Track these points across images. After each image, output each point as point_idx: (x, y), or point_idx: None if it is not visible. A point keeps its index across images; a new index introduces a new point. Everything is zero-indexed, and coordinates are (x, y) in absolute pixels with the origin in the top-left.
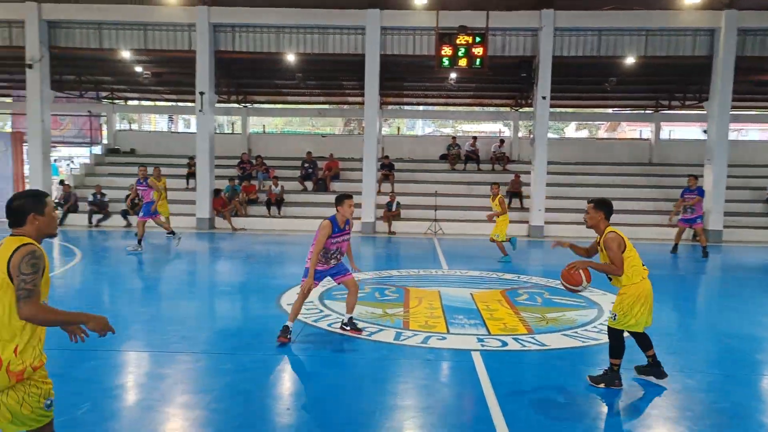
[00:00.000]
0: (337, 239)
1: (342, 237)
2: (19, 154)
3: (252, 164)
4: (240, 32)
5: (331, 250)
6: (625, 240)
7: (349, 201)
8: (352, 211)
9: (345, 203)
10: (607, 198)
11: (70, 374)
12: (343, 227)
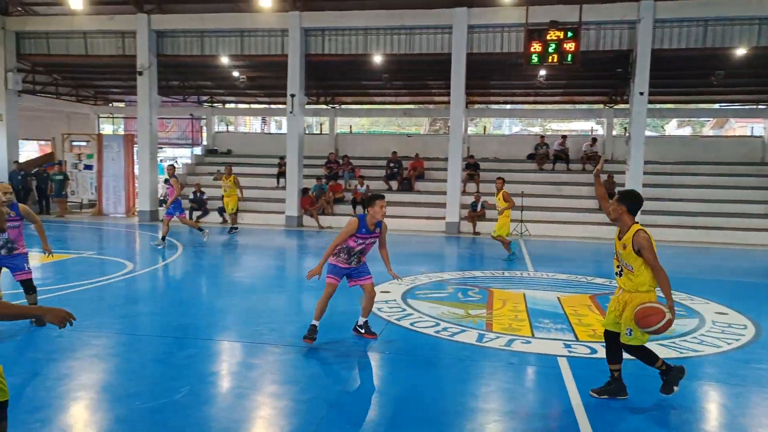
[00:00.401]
0: (362, 240)
1: (368, 239)
2: (130, 154)
3: (339, 164)
4: (329, 35)
5: (354, 249)
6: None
7: (380, 202)
8: (383, 213)
9: (376, 204)
10: (635, 191)
11: (170, 360)
12: (372, 230)
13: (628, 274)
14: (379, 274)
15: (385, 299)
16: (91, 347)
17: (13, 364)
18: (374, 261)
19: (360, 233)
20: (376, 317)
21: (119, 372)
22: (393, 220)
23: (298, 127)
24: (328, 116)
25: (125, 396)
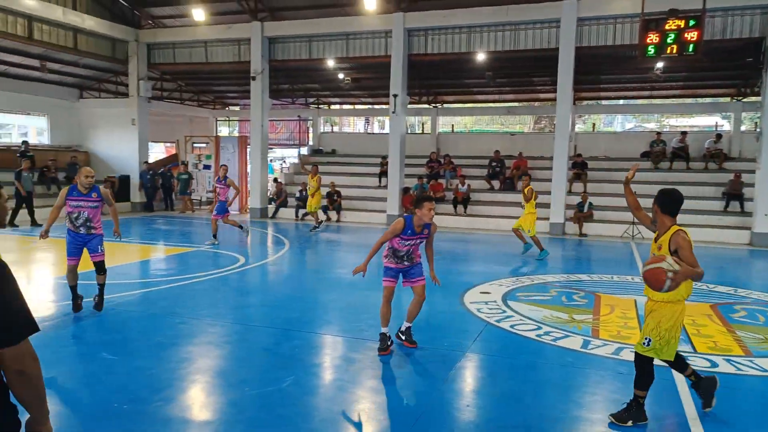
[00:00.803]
0: (407, 241)
1: (413, 240)
2: (243, 155)
3: (440, 163)
4: (432, 35)
5: (400, 251)
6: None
7: (428, 204)
8: (431, 216)
9: (424, 206)
10: (672, 189)
11: (277, 351)
12: (419, 231)
13: None
14: (482, 275)
15: (485, 300)
16: (207, 335)
17: (142, 347)
18: (454, 262)
19: (405, 234)
20: (474, 318)
21: (231, 359)
22: (494, 220)
23: (400, 127)
24: (430, 116)
25: (237, 382)
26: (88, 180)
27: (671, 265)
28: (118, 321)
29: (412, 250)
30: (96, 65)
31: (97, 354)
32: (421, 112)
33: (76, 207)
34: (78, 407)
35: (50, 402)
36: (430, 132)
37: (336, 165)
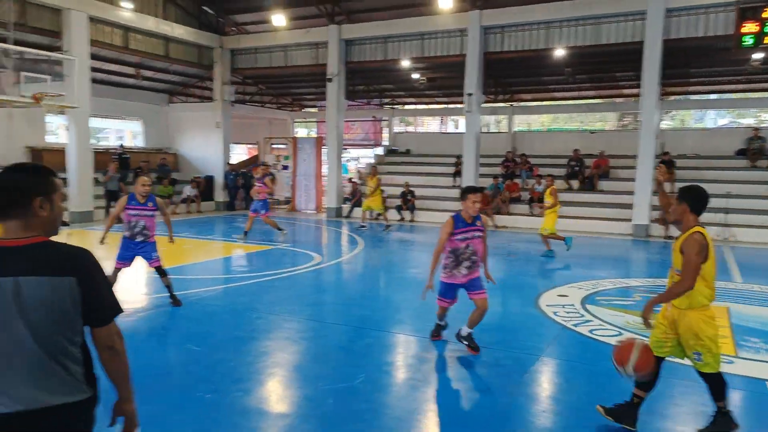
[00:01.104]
0: (464, 234)
1: (471, 232)
2: (319, 155)
3: (516, 162)
4: (509, 32)
5: (460, 248)
6: (710, 247)
7: (472, 196)
8: (476, 209)
9: (468, 198)
10: (699, 186)
11: (350, 348)
12: (471, 222)
13: (674, 279)
14: (559, 277)
15: (562, 303)
16: (284, 330)
17: (223, 340)
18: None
19: (458, 228)
20: (550, 321)
21: (306, 354)
22: (573, 221)
23: (475, 126)
24: (505, 114)
25: (311, 377)
26: (144, 189)
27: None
28: (202, 315)
29: (473, 247)
30: (184, 71)
31: (183, 345)
32: (496, 110)
33: (134, 216)
34: (166, 395)
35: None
36: (506, 131)
37: (410, 165)
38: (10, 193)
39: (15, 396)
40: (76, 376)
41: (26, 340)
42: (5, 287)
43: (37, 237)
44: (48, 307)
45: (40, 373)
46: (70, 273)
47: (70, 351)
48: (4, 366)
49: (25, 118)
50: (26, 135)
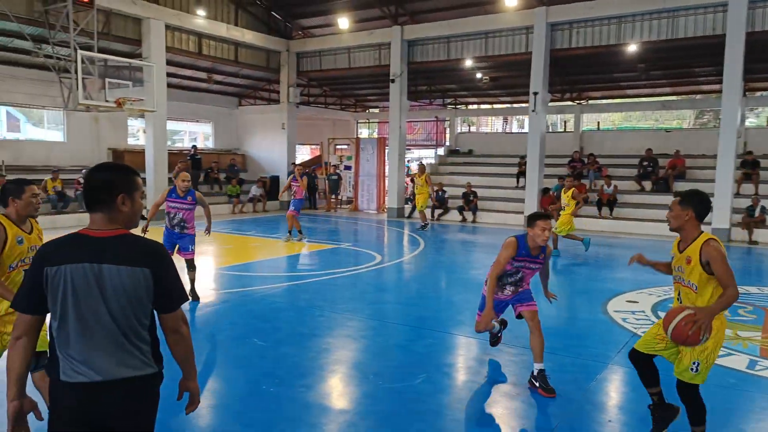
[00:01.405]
0: (520, 264)
1: (527, 264)
2: (381, 156)
3: (583, 163)
4: (577, 28)
5: (509, 271)
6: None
7: (542, 223)
8: (546, 237)
9: (537, 225)
10: (701, 191)
11: (410, 347)
12: (535, 254)
13: (688, 295)
14: (629, 282)
15: (632, 309)
16: (345, 328)
17: (287, 336)
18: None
19: (520, 255)
20: (619, 327)
21: (367, 352)
22: (645, 224)
23: (540, 126)
24: (573, 113)
25: (371, 374)
26: (184, 184)
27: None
28: (267, 311)
29: (523, 275)
30: (252, 75)
31: (248, 339)
32: (563, 109)
33: (173, 208)
34: (233, 386)
35: (210, 379)
36: (573, 130)
37: (472, 165)
38: (97, 190)
39: (95, 367)
40: (144, 354)
41: (105, 319)
42: (90, 272)
43: (119, 230)
44: (124, 292)
45: (115, 348)
46: (145, 265)
47: (140, 331)
48: (89, 340)
49: (109, 122)
50: (110, 137)
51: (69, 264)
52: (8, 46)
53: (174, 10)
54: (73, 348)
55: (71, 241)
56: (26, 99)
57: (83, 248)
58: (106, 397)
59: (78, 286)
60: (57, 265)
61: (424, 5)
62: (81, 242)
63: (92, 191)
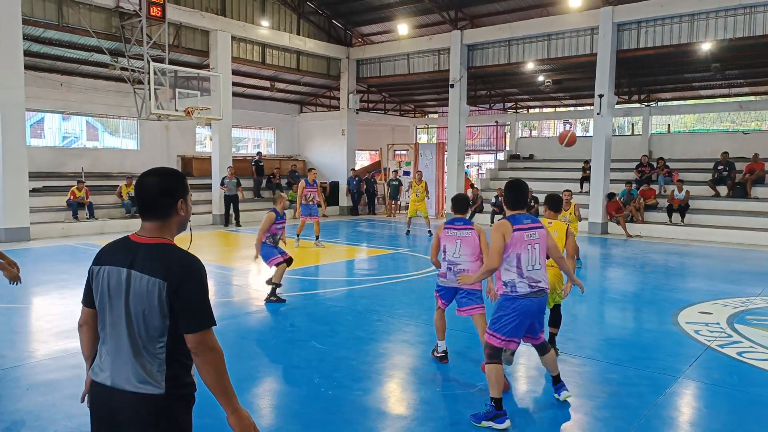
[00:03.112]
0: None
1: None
2: (440, 161)
3: (652, 167)
4: (646, 27)
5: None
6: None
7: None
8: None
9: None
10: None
11: (467, 354)
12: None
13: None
14: (702, 292)
15: (705, 321)
16: (402, 333)
17: (345, 340)
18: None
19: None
20: (691, 340)
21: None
22: (720, 232)
23: (606, 129)
24: (641, 115)
25: (428, 381)
26: (284, 205)
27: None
28: (326, 314)
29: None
30: (313, 83)
31: (308, 342)
32: (630, 112)
33: (279, 228)
34: (293, 388)
35: (271, 380)
36: (641, 133)
37: (533, 170)
38: (157, 195)
39: (111, 371)
40: (152, 369)
41: (125, 324)
42: (122, 275)
43: (162, 239)
44: (141, 300)
45: (128, 358)
46: (164, 277)
47: (152, 345)
48: (116, 344)
49: (178, 130)
50: (179, 145)
51: (109, 266)
52: (89, 60)
53: (240, 21)
54: (106, 346)
55: (120, 244)
56: (104, 109)
57: (125, 252)
58: (117, 404)
59: (112, 287)
60: (101, 265)
61: (484, 9)
62: (126, 246)
63: (151, 197)
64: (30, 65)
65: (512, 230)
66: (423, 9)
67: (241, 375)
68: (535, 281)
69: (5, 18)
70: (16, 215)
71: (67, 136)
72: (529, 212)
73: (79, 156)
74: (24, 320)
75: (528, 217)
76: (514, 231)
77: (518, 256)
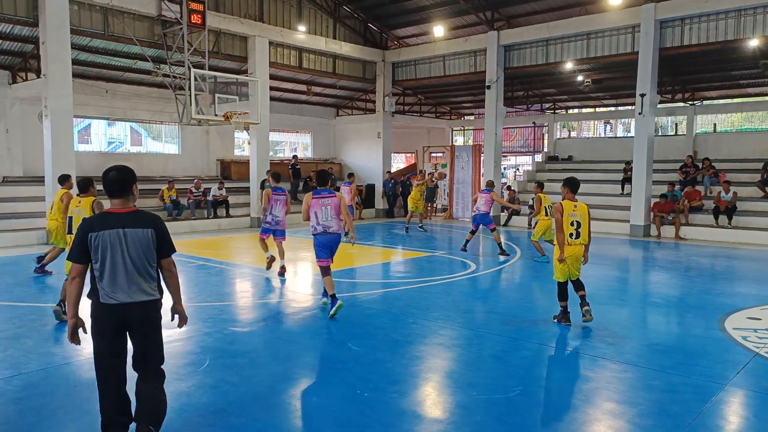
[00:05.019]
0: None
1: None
2: (477, 163)
3: (697, 168)
4: (690, 24)
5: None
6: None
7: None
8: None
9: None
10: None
11: (505, 358)
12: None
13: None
14: (751, 297)
15: (754, 327)
16: (438, 336)
17: (380, 342)
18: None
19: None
20: (738, 346)
21: (461, 362)
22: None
23: (648, 129)
24: (685, 114)
25: (465, 385)
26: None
27: None
28: (362, 316)
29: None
30: (349, 86)
31: (344, 344)
32: (674, 111)
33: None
34: (329, 388)
35: (308, 380)
36: (685, 133)
37: (572, 172)
38: (120, 182)
39: (123, 292)
40: (151, 285)
41: (127, 263)
42: (119, 234)
43: (133, 208)
44: (140, 244)
45: (133, 280)
46: (151, 227)
47: (149, 270)
48: (115, 278)
49: (218, 135)
50: (218, 149)
51: (105, 230)
52: (133, 68)
53: (277, 27)
54: (106, 283)
55: (104, 217)
56: (147, 115)
57: (114, 220)
58: (131, 311)
59: (110, 244)
60: (98, 230)
61: (521, 9)
62: (111, 217)
63: (116, 184)
64: (77, 73)
65: (312, 198)
66: (459, 10)
67: (277, 375)
68: (326, 227)
69: (55, 30)
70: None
71: (113, 142)
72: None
73: (123, 161)
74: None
75: (326, 190)
76: (313, 199)
77: (316, 213)
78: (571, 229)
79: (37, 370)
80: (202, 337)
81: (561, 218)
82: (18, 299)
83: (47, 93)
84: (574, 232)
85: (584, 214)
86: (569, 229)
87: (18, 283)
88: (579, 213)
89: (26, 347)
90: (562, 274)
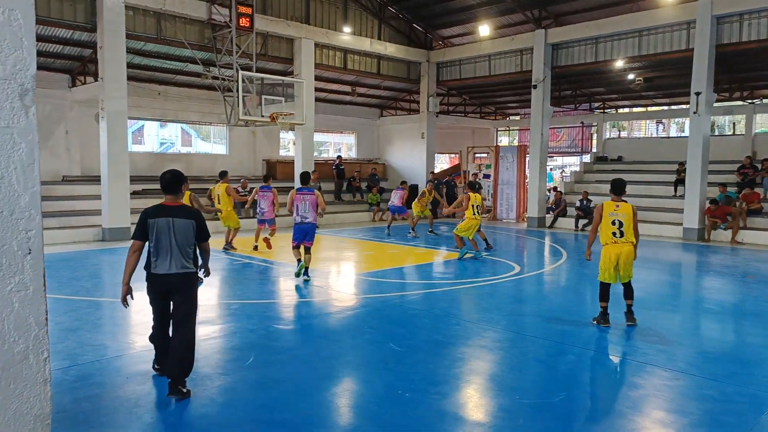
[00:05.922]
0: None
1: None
2: (522, 164)
3: (756, 169)
4: (750, 19)
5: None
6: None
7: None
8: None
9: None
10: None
11: (549, 363)
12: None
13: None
14: None
15: None
16: (481, 338)
17: (422, 343)
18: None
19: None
20: None
21: (503, 365)
22: None
23: (703, 129)
24: (743, 113)
25: (508, 388)
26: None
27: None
28: (404, 317)
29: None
30: (393, 87)
31: (385, 344)
32: (731, 110)
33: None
34: (370, 388)
35: (349, 379)
36: (744, 133)
37: (622, 173)
38: (173, 182)
39: (173, 265)
40: (191, 261)
41: (173, 243)
42: (169, 222)
43: (180, 203)
44: (184, 231)
45: (179, 256)
46: (192, 219)
47: (188, 251)
48: (165, 254)
49: (264, 135)
50: (265, 149)
51: (159, 218)
52: (183, 70)
53: (323, 29)
54: (158, 257)
55: (160, 208)
56: (197, 117)
57: (166, 211)
58: (172, 280)
59: (162, 229)
60: (154, 218)
61: (569, 6)
62: (165, 209)
63: (169, 184)
64: (131, 76)
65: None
66: (505, 9)
67: (320, 373)
68: (304, 217)
69: (111, 34)
70: (118, 216)
71: (164, 142)
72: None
73: (174, 161)
74: (124, 313)
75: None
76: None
77: (297, 206)
78: (614, 228)
79: (92, 362)
80: (246, 334)
81: (599, 219)
82: (76, 293)
83: (104, 95)
84: (617, 231)
85: (627, 213)
86: (611, 228)
87: (76, 278)
88: (621, 212)
89: (82, 339)
90: (609, 276)
